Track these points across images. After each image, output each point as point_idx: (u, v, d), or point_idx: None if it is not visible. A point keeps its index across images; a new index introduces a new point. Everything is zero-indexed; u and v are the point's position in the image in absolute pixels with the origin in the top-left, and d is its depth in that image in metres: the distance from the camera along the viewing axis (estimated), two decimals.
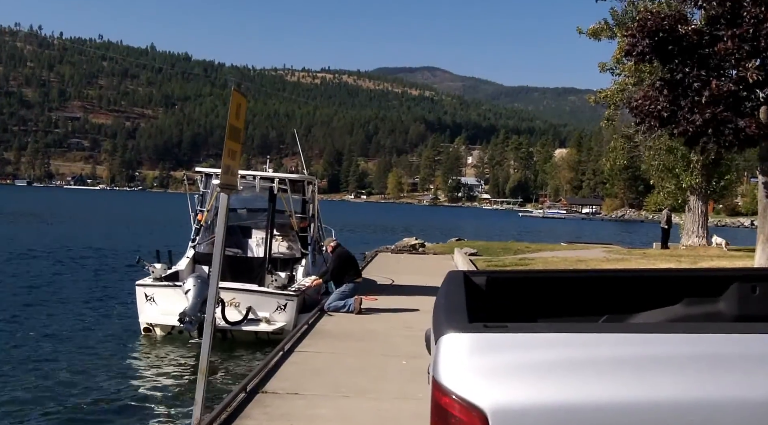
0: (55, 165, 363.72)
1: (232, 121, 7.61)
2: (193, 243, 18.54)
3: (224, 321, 15.43)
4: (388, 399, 9.41)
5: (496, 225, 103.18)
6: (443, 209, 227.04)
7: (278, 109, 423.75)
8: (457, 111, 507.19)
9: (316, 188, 21.64)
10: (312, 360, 11.59)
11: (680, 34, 19.02)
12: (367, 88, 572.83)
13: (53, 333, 17.31)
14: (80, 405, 11.78)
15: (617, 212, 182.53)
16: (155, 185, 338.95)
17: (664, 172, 37.74)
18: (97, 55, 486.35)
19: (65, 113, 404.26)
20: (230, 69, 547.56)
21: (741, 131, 18.71)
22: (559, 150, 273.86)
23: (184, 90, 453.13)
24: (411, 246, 37.61)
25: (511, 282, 5.00)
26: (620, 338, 3.08)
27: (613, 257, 28.94)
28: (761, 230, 21.01)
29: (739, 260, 25.13)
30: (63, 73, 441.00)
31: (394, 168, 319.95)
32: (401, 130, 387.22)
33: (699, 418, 2.85)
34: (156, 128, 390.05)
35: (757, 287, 4.79)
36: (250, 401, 9.11)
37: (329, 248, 18.14)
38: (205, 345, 7.77)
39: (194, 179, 20.03)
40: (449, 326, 3.13)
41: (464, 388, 2.92)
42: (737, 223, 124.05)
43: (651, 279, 5.23)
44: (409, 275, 24.20)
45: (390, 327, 14.83)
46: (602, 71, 34.59)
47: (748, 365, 2.93)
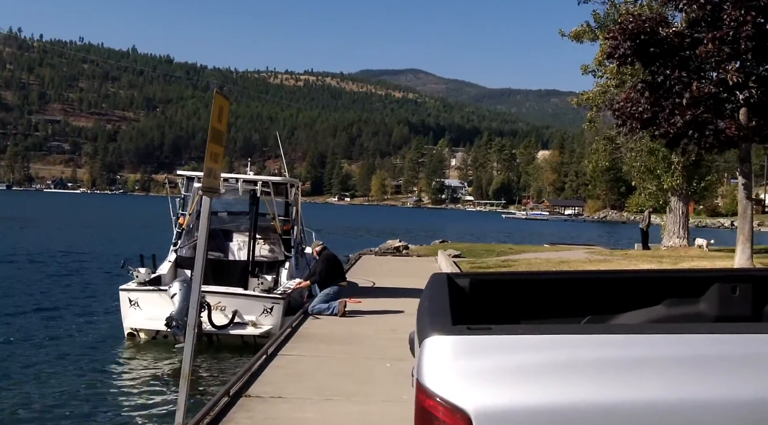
0: (35, 169, 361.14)
1: (214, 124, 7.59)
2: (175, 247, 18.46)
3: (211, 324, 15.38)
4: (373, 402, 9.40)
5: (480, 227, 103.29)
6: (427, 211, 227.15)
7: (261, 111, 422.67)
8: (441, 113, 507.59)
9: (299, 190, 21.62)
10: (296, 364, 11.56)
11: (661, 36, 19.15)
12: (350, 90, 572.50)
13: (36, 338, 17.20)
14: (64, 410, 11.72)
15: (599, 214, 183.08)
16: (137, 188, 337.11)
17: (646, 173, 37.88)
18: (77, 57, 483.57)
19: (45, 115, 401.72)
20: (212, 71, 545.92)
21: (721, 132, 18.86)
22: (542, 152, 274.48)
23: (166, 93, 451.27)
24: (395, 248, 37.62)
25: (494, 284, 5.01)
26: (603, 339, 3.09)
27: (595, 258, 29.04)
28: (741, 230, 21.16)
29: (719, 261, 25.27)
30: (43, 76, 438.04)
31: (378, 170, 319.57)
32: (385, 132, 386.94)
33: (681, 419, 2.86)
34: (137, 130, 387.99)
35: (737, 287, 4.82)
36: (233, 405, 9.07)
37: (315, 252, 18.10)
38: (188, 349, 7.75)
39: (176, 182, 19.92)
40: (433, 328, 3.13)
41: (448, 390, 2.92)
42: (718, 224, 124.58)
43: (633, 280, 5.25)
44: (393, 277, 24.19)
45: (374, 330, 14.81)
46: (584, 74, 34.72)
47: (729, 365, 2.95)
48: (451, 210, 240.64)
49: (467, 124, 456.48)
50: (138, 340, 16.19)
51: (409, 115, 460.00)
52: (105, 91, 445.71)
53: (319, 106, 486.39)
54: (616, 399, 2.88)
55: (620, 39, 19.54)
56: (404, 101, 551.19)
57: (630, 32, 19.21)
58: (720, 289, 4.81)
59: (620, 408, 2.87)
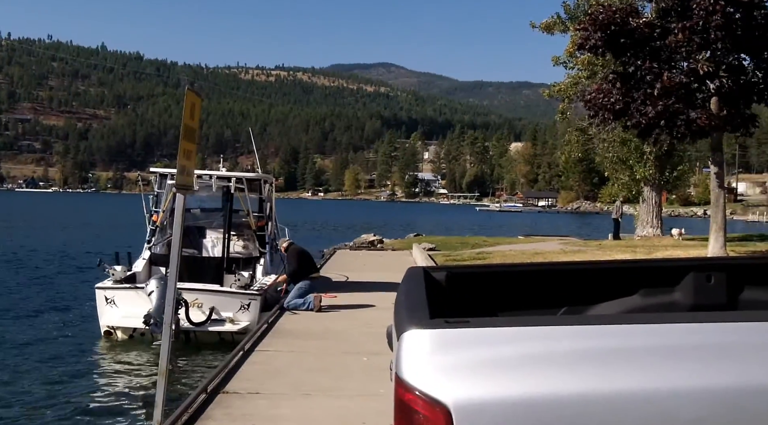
0: (6, 168, 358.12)
1: (186, 121, 7.54)
2: (148, 244, 18.38)
3: (188, 322, 15.33)
4: (350, 396, 9.40)
5: (454, 220, 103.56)
6: (400, 204, 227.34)
7: (233, 107, 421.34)
8: (413, 107, 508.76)
9: (273, 186, 21.58)
10: (273, 360, 11.55)
11: (632, 27, 19.24)
12: (321, 85, 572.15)
13: (11, 338, 17.05)
14: (41, 409, 11.65)
15: (573, 205, 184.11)
16: (109, 186, 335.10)
17: (618, 164, 38.06)
18: (46, 55, 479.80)
19: (15, 114, 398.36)
20: (183, 68, 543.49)
21: (693, 122, 18.97)
22: (515, 144, 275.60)
23: (137, 90, 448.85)
24: (369, 243, 37.64)
25: (470, 277, 5.02)
26: (579, 330, 3.10)
27: (569, 249, 29.20)
28: (714, 219, 21.32)
29: (693, 250, 25.46)
30: (12, 75, 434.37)
31: (351, 165, 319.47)
32: (357, 126, 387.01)
33: (659, 408, 2.88)
34: (108, 128, 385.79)
35: (712, 276, 4.85)
36: (210, 402, 9.05)
37: (282, 248, 18.09)
38: (165, 347, 7.70)
39: (149, 179, 19.83)
40: (411, 322, 3.13)
41: (427, 384, 2.92)
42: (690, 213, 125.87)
43: (608, 271, 5.27)
44: (368, 271, 24.21)
45: (350, 325, 14.82)
46: (556, 65, 34.80)
47: (705, 354, 2.96)
48: (425, 204, 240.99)
49: (439, 117, 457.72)
50: (115, 338, 16.11)
51: (382, 109, 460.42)
52: (75, 90, 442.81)
53: (290, 101, 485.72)
54: (593, 389, 2.88)
55: (591, 30, 19.61)
56: (376, 95, 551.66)
57: (600, 23, 19.28)
58: (695, 278, 4.84)
59: (598, 399, 2.87)
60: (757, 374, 2.92)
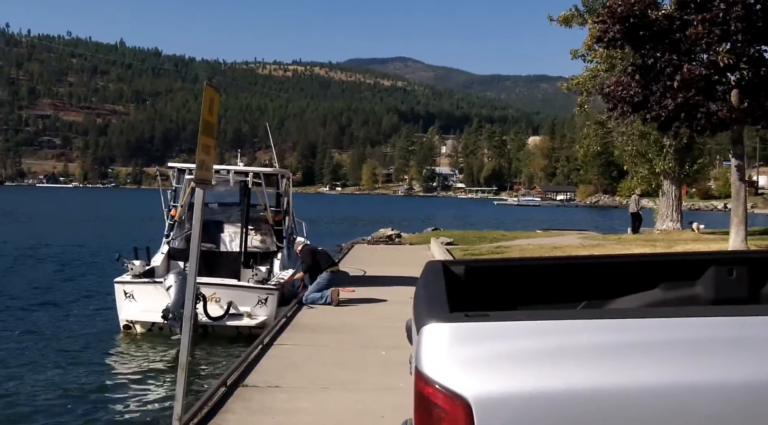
0: (26, 164, 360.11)
1: (205, 116, 7.56)
2: (167, 239, 18.47)
3: (206, 316, 15.38)
4: (368, 390, 9.42)
5: (472, 214, 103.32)
6: (418, 199, 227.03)
7: (250, 102, 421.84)
8: (430, 101, 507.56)
9: (290, 181, 21.63)
10: (291, 354, 11.59)
11: (651, 19, 19.12)
12: (339, 79, 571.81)
13: (31, 332, 17.19)
14: (61, 403, 11.73)
15: (591, 199, 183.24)
16: (128, 181, 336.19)
17: (637, 157, 37.85)
18: (66, 52, 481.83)
19: (35, 111, 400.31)
20: (201, 63, 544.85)
21: (713, 114, 18.85)
22: (533, 138, 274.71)
23: (155, 85, 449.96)
24: (387, 237, 37.64)
25: (489, 271, 5.00)
26: (599, 324, 3.08)
27: (588, 244, 29.08)
28: (735, 212, 21.19)
29: (713, 244, 25.33)
30: (32, 71, 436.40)
31: (368, 159, 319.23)
32: (374, 121, 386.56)
33: (678, 402, 2.86)
34: (128, 124, 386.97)
35: (733, 270, 4.81)
36: (230, 395, 9.10)
37: (298, 251, 18.08)
38: (185, 341, 7.74)
39: (167, 174, 19.92)
40: (430, 316, 3.12)
41: (447, 378, 2.91)
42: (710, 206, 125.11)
43: (628, 265, 5.24)
44: (386, 266, 24.21)
45: (368, 319, 14.84)
46: (574, 58, 34.63)
47: (726, 348, 2.94)
48: (443, 198, 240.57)
49: (457, 111, 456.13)
50: (134, 332, 16.21)
51: (399, 103, 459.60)
52: (94, 85, 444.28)
53: (308, 96, 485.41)
54: (613, 383, 2.88)
55: (609, 23, 19.51)
56: (393, 90, 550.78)
57: (619, 16, 19.18)
58: (716, 272, 4.81)
59: (617, 393, 2.87)
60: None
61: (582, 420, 2.86)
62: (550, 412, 2.86)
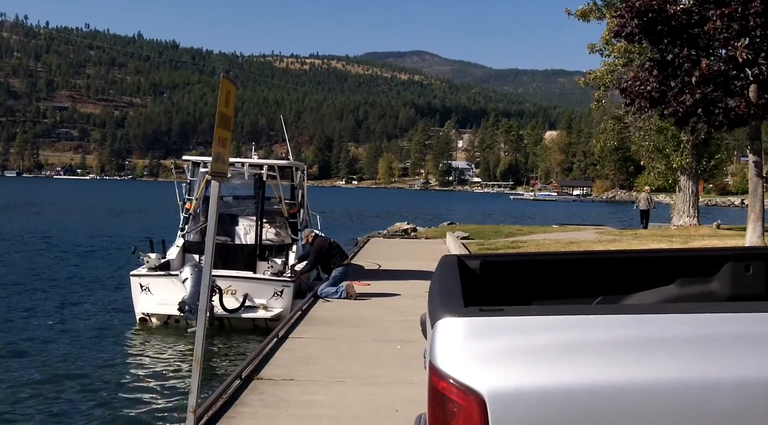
0: (44, 155, 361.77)
1: (221, 109, 7.56)
2: (181, 232, 18.53)
3: (222, 308, 15.42)
4: (383, 384, 9.42)
5: (488, 209, 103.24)
6: (434, 193, 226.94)
7: (267, 96, 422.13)
8: (447, 95, 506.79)
9: (305, 174, 21.64)
10: (306, 347, 11.60)
11: (669, 14, 19.01)
12: (356, 73, 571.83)
13: (48, 324, 17.28)
14: (77, 394, 11.80)
15: (608, 194, 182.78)
16: (145, 173, 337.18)
17: (655, 152, 37.75)
18: (83, 44, 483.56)
19: (53, 103, 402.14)
20: (218, 56, 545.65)
21: (731, 110, 18.74)
22: (549, 132, 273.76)
23: (173, 78, 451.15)
24: (403, 231, 37.67)
25: (504, 265, 4.98)
26: (615, 319, 3.07)
27: (604, 239, 29.00)
28: (752, 208, 21.07)
29: (730, 239, 25.21)
30: (50, 63, 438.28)
31: (385, 153, 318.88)
32: (391, 115, 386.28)
33: (694, 399, 2.85)
34: (145, 116, 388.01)
35: (750, 266, 4.79)
36: (245, 388, 9.11)
37: (308, 240, 17.77)
38: (200, 333, 7.76)
39: (182, 167, 19.97)
40: (445, 310, 3.12)
41: (461, 372, 2.91)
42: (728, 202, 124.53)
43: (644, 260, 5.22)
44: (402, 260, 24.21)
45: (383, 312, 14.84)
46: (591, 53, 34.56)
47: (743, 344, 2.93)
48: (459, 192, 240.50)
49: (473, 105, 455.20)
50: (150, 325, 16.26)
51: (415, 97, 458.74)
52: (112, 78, 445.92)
53: (324, 89, 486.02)
54: (628, 379, 2.86)
55: (627, 17, 19.42)
56: (410, 83, 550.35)
57: (637, 10, 19.09)
58: (733, 268, 4.78)
59: (633, 388, 2.85)
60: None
61: (597, 415, 2.85)
62: (565, 407, 2.86)
